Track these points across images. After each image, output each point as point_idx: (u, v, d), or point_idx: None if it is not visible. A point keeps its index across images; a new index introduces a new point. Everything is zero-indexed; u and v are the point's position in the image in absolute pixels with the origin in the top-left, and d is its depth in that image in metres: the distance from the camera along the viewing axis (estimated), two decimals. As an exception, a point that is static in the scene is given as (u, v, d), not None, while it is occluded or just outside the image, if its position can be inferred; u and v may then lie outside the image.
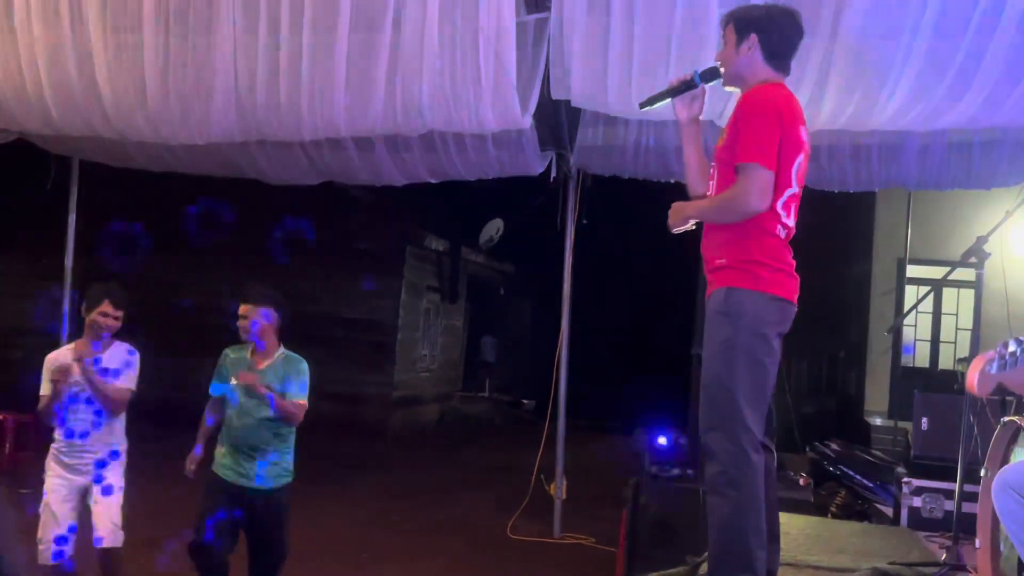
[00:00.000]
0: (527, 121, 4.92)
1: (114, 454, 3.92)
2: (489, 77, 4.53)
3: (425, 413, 13.02)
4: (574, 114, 5.67)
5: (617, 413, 11.61)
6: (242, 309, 3.90)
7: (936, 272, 9.13)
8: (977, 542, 3.13)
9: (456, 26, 4.46)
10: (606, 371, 13.51)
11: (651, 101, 3.05)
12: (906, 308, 10.08)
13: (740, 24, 2.89)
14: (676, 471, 4.73)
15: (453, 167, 5.89)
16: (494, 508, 6.99)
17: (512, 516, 6.45)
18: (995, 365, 1.49)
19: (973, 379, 1.55)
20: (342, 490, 7.64)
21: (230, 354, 4.02)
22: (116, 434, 3.94)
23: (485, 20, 4.37)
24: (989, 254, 3.54)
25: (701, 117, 3.08)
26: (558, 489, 6.27)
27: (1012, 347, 1.48)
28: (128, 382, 3.90)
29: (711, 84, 3.00)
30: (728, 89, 3.06)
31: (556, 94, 4.80)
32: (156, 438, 5.93)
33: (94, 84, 5.09)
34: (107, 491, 3.85)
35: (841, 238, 10.75)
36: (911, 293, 9.80)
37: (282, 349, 4.01)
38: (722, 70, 2.94)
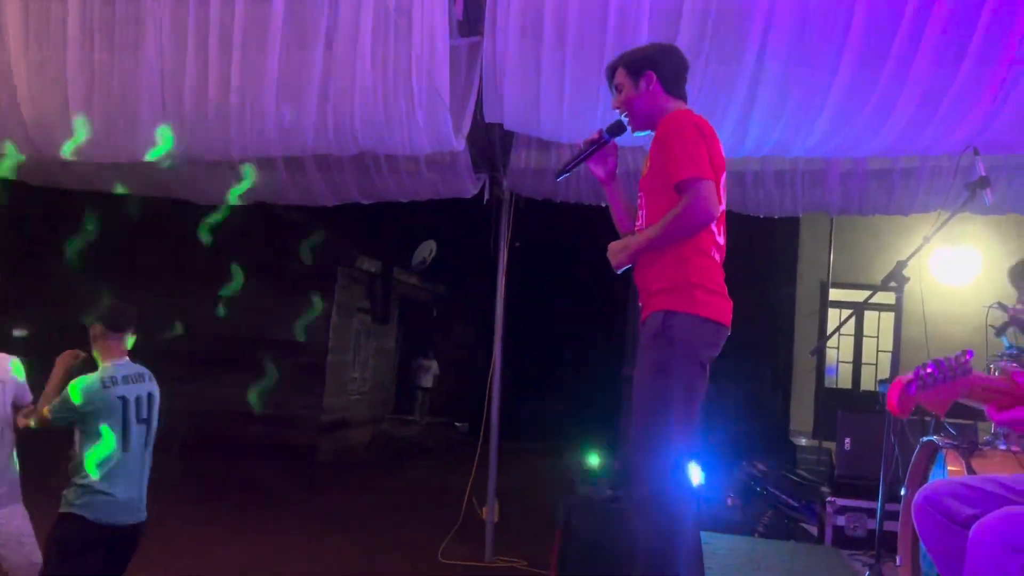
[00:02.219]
0: (460, 144, 4.91)
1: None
2: (422, 99, 4.51)
3: (356, 436, 12.85)
4: (507, 137, 5.70)
5: (551, 434, 11.64)
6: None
7: (858, 295, 9.39)
8: (898, 559, 3.20)
9: (389, 47, 4.44)
10: (539, 393, 13.53)
11: (565, 169, 3.08)
12: (829, 331, 10.34)
13: (633, 66, 2.96)
14: (608, 492, 4.75)
15: (386, 188, 5.86)
16: (425, 532, 6.92)
17: (443, 540, 6.39)
18: (914, 386, 1.52)
19: (893, 400, 1.58)
20: (268, 515, 7.48)
21: None
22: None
23: (418, 42, 4.36)
24: (908, 278, 3.64)
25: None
26: (490, 512, 6.23)
27: (930, 369, 1.52)
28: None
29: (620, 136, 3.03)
30: (639, 135, 3.08)
31: (489, 117, 4.81)
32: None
33: (14, 102, 4.92)
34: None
35: (767, 262, 10.98)
36: (834, 316, 10.07)
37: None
38: (626, 118, 2.97)
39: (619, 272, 2.91)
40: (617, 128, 3.00)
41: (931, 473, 3.23)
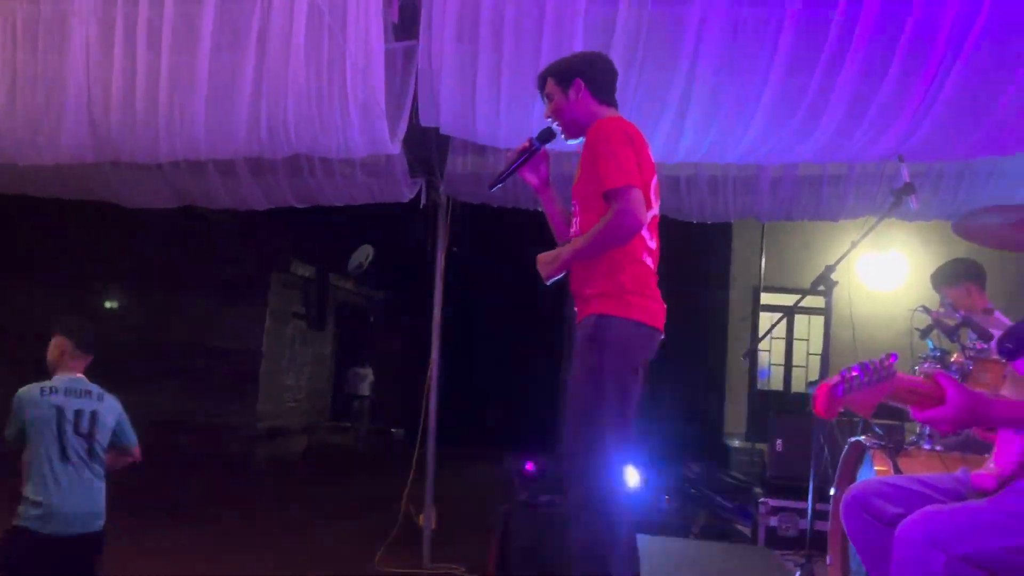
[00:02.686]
0: (396, 147, 4.88)
1: None
2: (357, 101, 4.47)
3: (291, 445, 12.67)
4: (444, 141, 5.67)
5: (489, 440, 11.64)
6: None
7: (788, 299, 9.61)
8: (828, 558, 3.27)
9: (323, 50, 4.39)
10: (478, 398, 13.53)
11: (497, 181, 3.11)
12: (760, 334, 10.56)
13: (561, 75, 3.01)
14: (546, 497, 4.76)
15: (320, 192, 5.78)
16: (361, 540, 6.84)
17: (380, 548, 6.33)
18: (840, 389, 1.55)
19: (820, 403, 1.61)
20: (200, 526, 7.33)
21: None
22: None
23: (353, 45, 4.32)
24: (836, 282, 3.73)
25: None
26: (427, 518, 6.19)
27: (855, 372, 1.55)
28: None
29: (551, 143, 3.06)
30: (571, 142, 3.11)
31: (425, 121, 4.79)
32: None
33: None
34: None
35: (700, 267, 11.17)
36: (765, 319, 10.29)
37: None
38: (556, 126, 3.01)
39: (548, 283, 2.92)
40: (547, 135, 3.03)
41: (859, 473, 3.31)
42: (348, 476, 11.75)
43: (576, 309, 2.94)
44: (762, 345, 10.62)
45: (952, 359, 3.15)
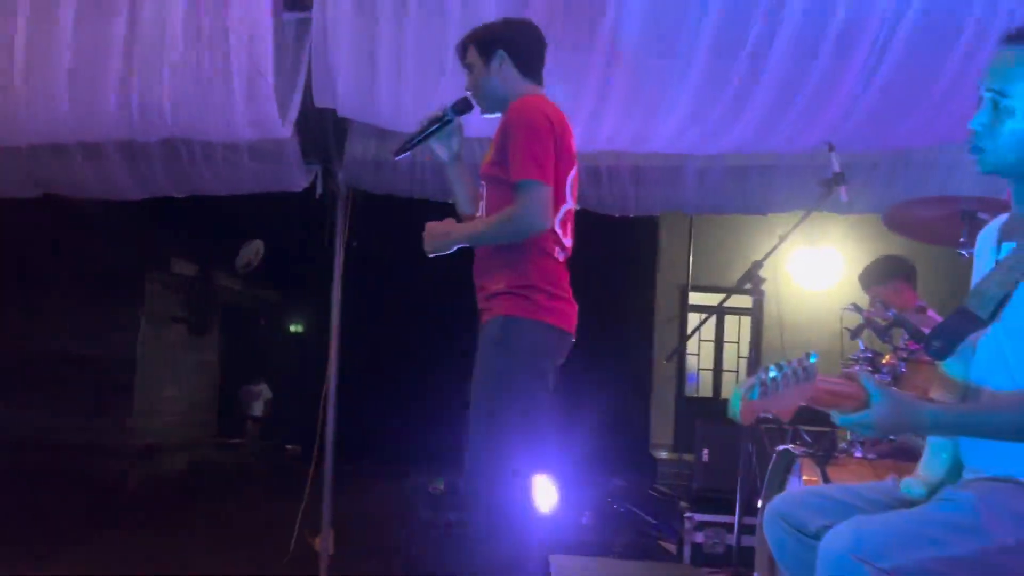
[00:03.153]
0: (287, 130, 4.80)
1: None
2: (242, 80, 4.39)
3: (172, 463, 12.37)
4: (343, 125, 5.61)
5: (393, 455, 11.56)
6: None
7: (718, 299, 9.80)
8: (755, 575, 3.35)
9: (203, 19, 4.29)
10: (381, 409, 13.42)
11: (404, 148, 3.08)
12: (689, 338, 10.73)
13: (483, 44, 2.98)
14: (453, 517, 4.76)
15: (201, 180, 5.64)
16: (252, 568, 6.73)
17: (272, 574, 6.24)
18: (756, 392, 1.58)
19: (737, 407, 1.65)
20: (65, 556, 7.09)
21: None
22: None
23: (237, 15, 4.24)
24: (764, 279, 3.82)
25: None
26: (324, 542, 6.11)
27: (772, 372, 1.58)
28: None
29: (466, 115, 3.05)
30: (488, 116, 3.11)
31: (320, 102, 4.72)
32: None
33: None
34: None
35: (625, 265, 11.31)
36: (694, 320, 10.45)
37: None
38: (474, 98, 3.00)
39: (430, 256, 2.92)
40: (463, 106, 3.01)
41: (788, 483, 3.40)
42: (237, 497, 11.52)
43: (480, 305, 2.94)
44: (691, 349, 10.81)
45: (884, 360, 3.26)
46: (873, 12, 4.21)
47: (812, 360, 1.63)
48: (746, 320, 10.50)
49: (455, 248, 2.92)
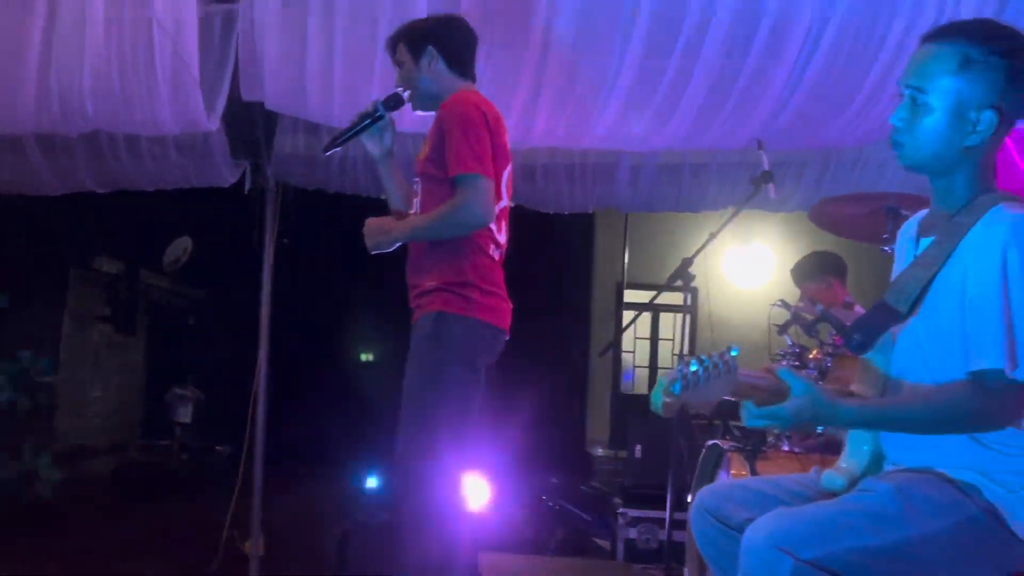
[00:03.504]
0: (214, 124, 4.74)
1: None
2: (166, 72, 4.32)
3: (96, 466, 12.12)
4: (271, 119, 5.55)
5: (326, 456, 11.46)
6: None
7: (652, 296, 9.92)
8: (686, 571, 3.40)
9: (125, 9, 4.22)
10: (314, 409, 13.28)
11: (334, 143, 3.06)
12: (623, 334, 10.84)
13: (412, 40, 2.98)
14: (387, 516, 4.74)
15: (125, 175, 5.54)
16: (179, 571, 6.63)
17: (200, 581, 6.15)
18: (678, 385, 1.61)
19: (658, 400, 1.68)
20: (-16, 565, 6.91)
21: None
22: None
23: (161, 5, 4.18)
24: (694, 276, 3.88)
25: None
26: (254, 545, 6.05)
27: (694, 366, 1.61)
28: None
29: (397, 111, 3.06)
30: (421, 113, 3.11)
31: (248, 96, 4.67)
32: None
33: None
34: None
35: (561, 262, 11.35)
36: (630, 318, 10.55)
37: None
38: (406, 94, 2.99)
39: (372, 253, 2.91)
40: (395, 102, 3.00)
41: (718, 478, 3.45)
42: (164, 499, 11.32)
43: (413, 303, 2.94)
44: (627, 346, 10.92)
45: (811, 355, 3.33)
46: (802, 14, 4.30)
47: (733, 354, 1.67)
48: (681, 317, 10.63)
49: (397, 245, 2.92)
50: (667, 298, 4.68)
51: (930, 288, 1.90)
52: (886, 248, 3.19)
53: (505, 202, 2.98)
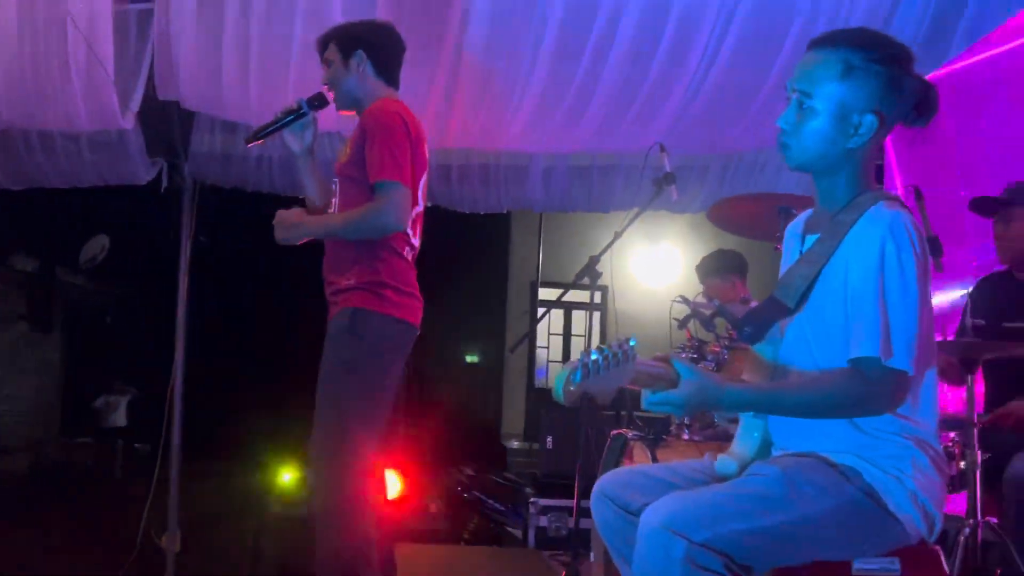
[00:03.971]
0: (129, 121, 4.63)
1: None
2: (80, 69, 4.20)
3: (13, 464, 11.73)
4: (188, 118, 5.43)
5: (245, 451, 11.26)
6: None
7: (567, 294, 9.99)
8: (592, 556, 3.44)
9: (38, 6, 4.09)
10: (233, 406, 13.03)
11: (256, 135, 3.03)
12: (539, 330, 10.92)
13: (344, 42, 2.99)
14: (303, 510, 4.68)
15: (39, 172, 5.35)
16: (96, 569, 6.44)
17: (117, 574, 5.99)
18: (578, 374, 1.62)
19: (559, 389, 1.69)
20: None
21: None
22: None
23: (75, 4, 4.06)
24: (601, 273, 3.92)
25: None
26: (170, 541, 5.92)
27: (594, 356, 1.63)
28: None
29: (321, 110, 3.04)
30: (343, 113, 3.10)
31: (163, 94, 4.58)
32: None
33: None
34: None
35: (478, 261, 11.37)
36: (543, 315, 10.63)
37: None
38: (330, 94, 2.99)
39: (280, 244, 2.89)
40: (319, 101, 3.00)
41: (622, 466, 3.49)
42: (82, 498, 11.00)
43: (329, 299, 2.93)
44: (541, 342, 10.99)
45: (710, 348, 3.39)
46: (703, 23, 4.38)
47: (631, 344, 1.69)
48: (595, 315, 10.74)
49: (305, 239, 2.91)
50: (579, 296, 4.72)
51: (815, 283, 1.95)
52: (779, 246, 3.27)
53: (420, 208, 3.00)
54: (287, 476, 5.16)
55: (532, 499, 4.85)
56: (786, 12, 4.30)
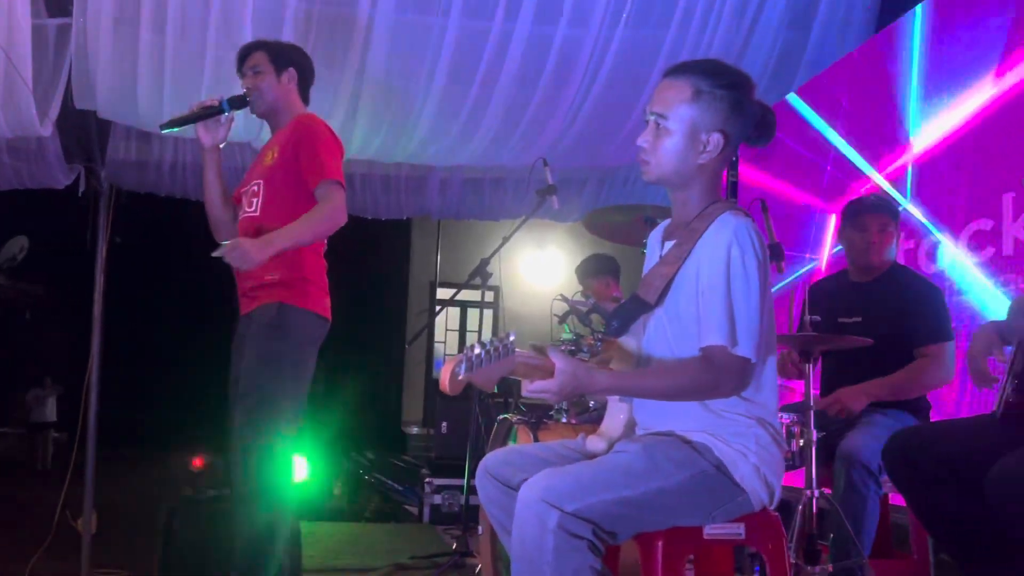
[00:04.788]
0: (47, 129, 4.43)
1: None
2: (-1, 78, 4.01)
3: (-71, 455, 11.08)
4: (105, 126, 5.24)
5: (157, 439, 10.92)
6: None
7: (462, 294, 10.01)
8: (480, 529, 3.45)
9: (-44, 17, 3.88)
10: (145, 395, 12.61)
11: (173, 124, 2.93)
12: (437, 327, 10.93)
13: (277, 55, 2.95)
14: (212, 492, 4.55)
15: (-44, 176, 5.10)
16: (12, 551, 6.14)
17: (33, 557, 5.72)
18: (463, 367, 1.63)
19: (444, 380, 1.69)
20: None
21: None
22: None
23: (-6, 17, 3.87)
24: (491, 274, 3.95)
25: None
26: (86, 523, 5.69)
27: (478, 350, 1.64)
28: None
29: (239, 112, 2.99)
30: (259, 117, 3.06)
31: (80, 104, 4.40)
32: None
33: None
34: None
35: (382, 263, 11.30)
36: (442, 313, 10.64)
37: None
38: (249, 98, 2.93)
39: (245, 268, 2.67)
40: (239, 102, 2.93)
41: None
42: (3, 485, 10.50)
43: (246, 294, 2.86)
44: (439, 337, 10.98)
45: (585, 341, 3.44)
46: (581, 54, 4.46)
47: (511, 338, 1.70)
48: (487, 313, 10.79)
49: (273, 254, 2.74)
50: (474, 295, 4.74)
51: (672, 282, 2.00)
52: (644, 251, 3.33)
53: None
54: (197, 461, 5.02)
55: (427, 479, 4.84)
56: (653, 46, 4.41)
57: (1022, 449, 1.97)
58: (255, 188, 2.91)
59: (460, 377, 1.65)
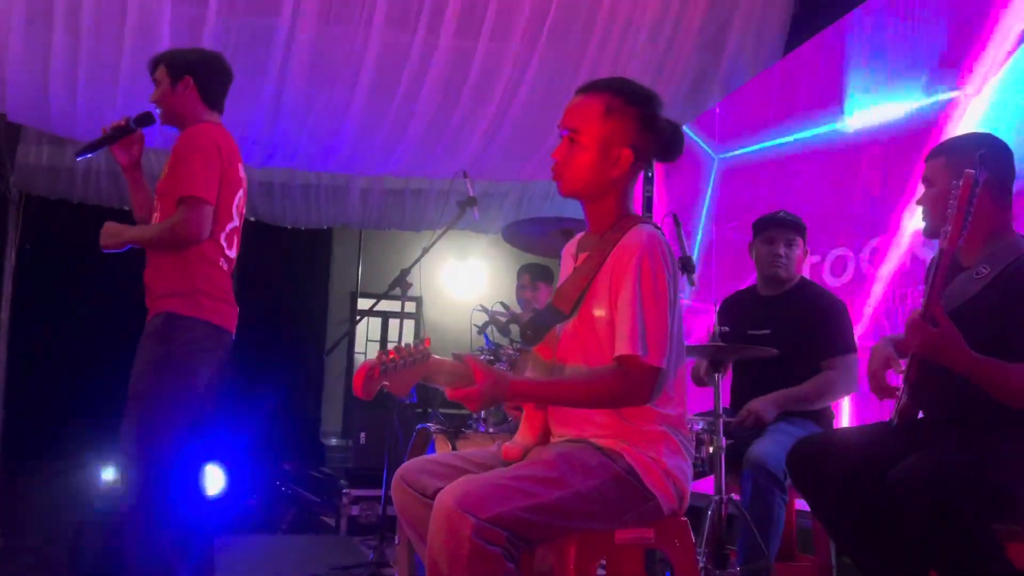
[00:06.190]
0: (-49, 132, 4.26)
1: None
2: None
3: None
4: (15, 132, 5.05)
5: (68, 451, 10.49)
6: None
7: (384, 304, 9.91)
8: (396, 539, 3.42)
9: None
10: (55, 405, 12.10)
11: (87, 149, 2.90)
12: (357, 338, 10.81)
13: (174, 66, 2.91)
14: (122, 506, 4.41)
15: None
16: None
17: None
18: (377, 371, 1.63)
19: (359, 384, 1.69)
20: None
21: None
22: None
23: None
24: (411, 284, 3.93)
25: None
26: (-12, 539, 5.45)
27: (392, 355, 1.64)
28: None
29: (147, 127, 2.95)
30: (171, 127, 3.02)
31: (-11, 105, 4.25)
32: None
33: None
34: None
35: (301, 273, 11.09)
36: (362, 324, 10.53)
37: None
38: (157, 112, 2.90)
39: (105, 252, 2.79)
40: (145, 119, 2.89)
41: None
42: None
43: (148, 305, 2.82)
44: (358, 348, 10.86)
45: (504, 351, 3.46)
46: (502, 71, 4.51)
47: (426, 345, 1.71)
48: (408, 323, 10.71)
49: (127, 247, 2.80)
50: (395, 306, 4.72)
51: (585, 293, 2.03)
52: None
53: (236, 223, 2.92)
54: (107, 474, 4.85)
55: (345, 490, 4.78)
56: (573, 64, 4.49)
57: (919, 453, 2.05)
58: (155, 204, 2.90)
59: (375, 382, 1.65)
